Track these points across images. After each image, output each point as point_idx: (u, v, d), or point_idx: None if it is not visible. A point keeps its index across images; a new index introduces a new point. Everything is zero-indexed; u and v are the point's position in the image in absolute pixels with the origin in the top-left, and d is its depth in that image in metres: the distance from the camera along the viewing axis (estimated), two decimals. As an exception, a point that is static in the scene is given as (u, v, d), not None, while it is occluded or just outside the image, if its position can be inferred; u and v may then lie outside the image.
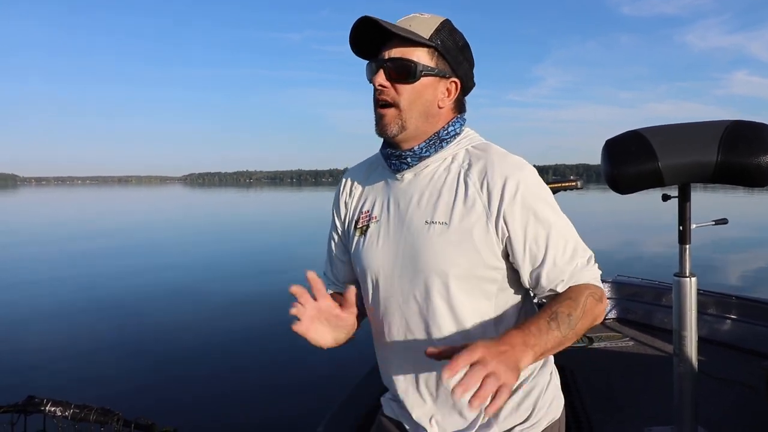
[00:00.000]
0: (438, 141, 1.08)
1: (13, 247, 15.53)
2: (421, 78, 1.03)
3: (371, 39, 1.05)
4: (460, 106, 1.12)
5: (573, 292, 1.01)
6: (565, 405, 1.20)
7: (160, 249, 14.65)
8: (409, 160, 1.08)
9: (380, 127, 1.06)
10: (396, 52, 1.03)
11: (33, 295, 8.85)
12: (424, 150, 1.07)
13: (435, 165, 1.09)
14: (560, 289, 1.02)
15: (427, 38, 1.02)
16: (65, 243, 16.15)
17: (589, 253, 1.06)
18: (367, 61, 1.09)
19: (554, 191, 4.01)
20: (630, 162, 1.72)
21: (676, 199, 1.85)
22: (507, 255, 1.04)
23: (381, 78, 1.03)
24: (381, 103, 1.05)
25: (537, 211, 1.01)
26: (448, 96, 1.07)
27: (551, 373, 1.17)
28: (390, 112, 1.04)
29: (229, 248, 14.89)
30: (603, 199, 33.79)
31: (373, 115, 1.08)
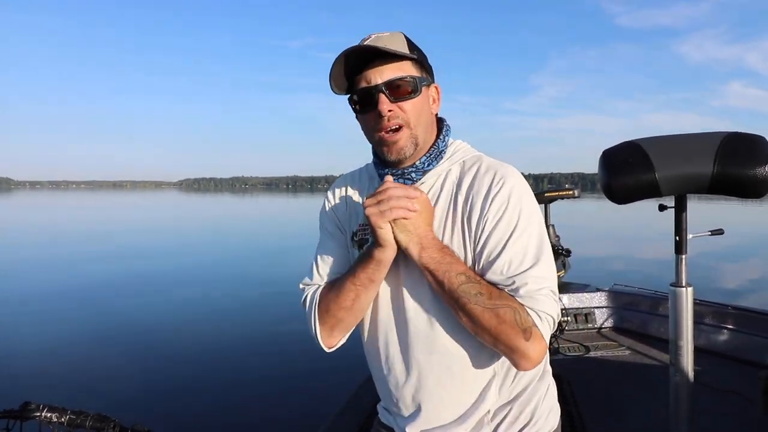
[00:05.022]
0: (437, 152, 1.09)
1: (9, 251, 15.45)
2: (422, 90, 1.04)
3: (347, 71, 1.02)
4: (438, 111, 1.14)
5: (507, 295, 0.97)
6: (561, 414, 1.20)
7: (157, 256, 14.59)
8: (413, 176, 1.07)
9: (395, 152, 1.04)
10: (389, 73, 1.01)
11: (29, 300, 8.80)
12: (426, 164, 1.07)
13: (430, 181, 1.09)
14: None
15: (408, 52, 1.02)
16: (62, 248, 16.09)
17: (545, 282, 0.98)
18: (354, 93, 1.03)
19: (551, 200, 4.05)
20: (627, 172, 1.73)
21: (673, 209, 1.86)
22: None
23: (387, 104, 1.00)
24: (392, 128, 1.02)
25: (507, 218, 1.01)
26: (434, 102, 1.10)
27: (549, 383, 1.17)
28: (404, 134, 1.03)
29: (226, 255, 14.86)
30: (599, 208, 33.89)
31: (376, 143, 1.06)
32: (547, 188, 4.16)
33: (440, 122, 1.14)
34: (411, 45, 1.05)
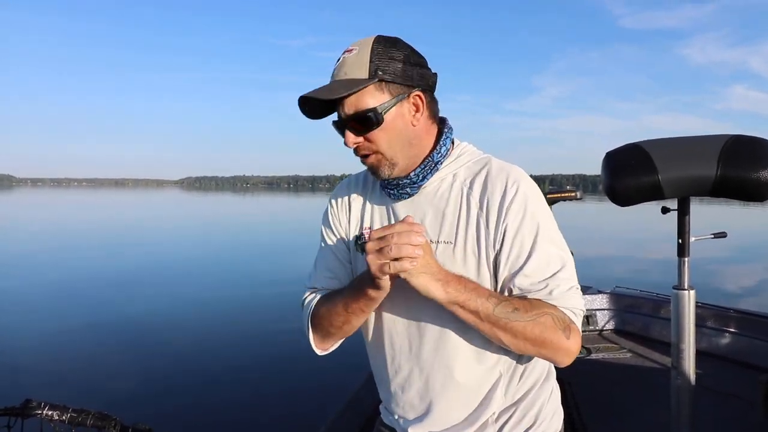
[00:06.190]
0: (432, 164, 1.07)
1: (10, 248, 15.48)
2: (385, 117, 1.00)
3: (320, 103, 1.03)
4: (434, 113, 1.08)
5: (538, 301, 0.98)
6: (563, 416, 1.20)
7: (159, 254, 14.61)
8: (408, 190, 1.07)
9: (373, 173, 1.07)
10: (350, 107, 0.99)
11: (31, 298, 8.82)
12: (420, 177, 1.06)
13: (436, 183, 1.08)
14: (530, 296, 1.00)
15: (367, 76, 0.98)
16: (63, 246, 16.11)
17: (573, 281, 1.01)
18: (332, 122, 1.06)
19: (554, 201, 4.03)
20: (630, 174, 1.73)
21: (676, 212, 1.85)
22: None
23: (351, 138, 1.02)
24: (362, 157, 1.05)
25: (528, 224, 1.01)
26: (417, 111, 1.04)
27: (553, 386, 1.17)
28: (374, 158, 1.04)
29: (228, 254, 14.87)
30: (601, 210, 33.85)
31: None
32: (548, 189, 4.14)
33: (442, 123, 1.11)
34: (378, 59, 0.98)
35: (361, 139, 1.02)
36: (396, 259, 0.88)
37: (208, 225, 26.15)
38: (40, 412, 1.15)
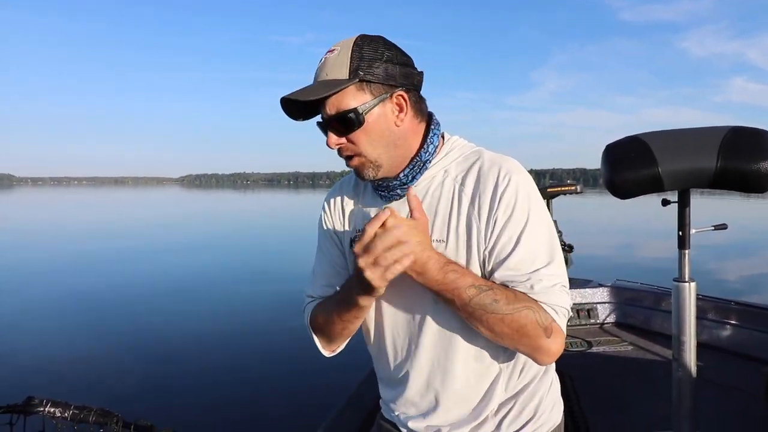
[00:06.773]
0: (421, 164, 1.06)
1: (12, 247, 15.50)
2: (367, 118, 0.99)
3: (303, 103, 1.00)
4: (420, 112, 1.06)
5: (521, 294, 0.96)
6: (564, 409, 1.20)
7: (160, 251, 14.62)
8: (399, 191, 1.07)
9: (357, 175, 1.06)
10: (331, 108, 0.98)
11: (33, 296, 8.83)
12: (410, 177, 1.06)
13: (426, 182, 1.07)
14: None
15: (348, 77, 0.96)
16: (65, 244, 16.13)
17: (558, 278, 0.99)
18: (317, 123, 1.04)
19: (554, 195, 4.03)
20: (630, 167, 1.73)
21: (676, 204, 1.85)
22: None
23: (333, 139, 1.00)
24: (346, 158, 1.04)
25: (518, 216, 0.99)
26: (401, 111, 1.02)
27: (552, 378, 1.17)
28: (357, 160, 1.03)
29: (229, 251, 14.87)
30: (601, 204, 33.82)
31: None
32: (549, 183, 4.14)
33: (430, 119, 1.09)
34: (360, 58, 0.97)
35: (343, 140, 1.01)
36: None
37: (208, 222, 26.16)
38: (42, 409, 1.16)
